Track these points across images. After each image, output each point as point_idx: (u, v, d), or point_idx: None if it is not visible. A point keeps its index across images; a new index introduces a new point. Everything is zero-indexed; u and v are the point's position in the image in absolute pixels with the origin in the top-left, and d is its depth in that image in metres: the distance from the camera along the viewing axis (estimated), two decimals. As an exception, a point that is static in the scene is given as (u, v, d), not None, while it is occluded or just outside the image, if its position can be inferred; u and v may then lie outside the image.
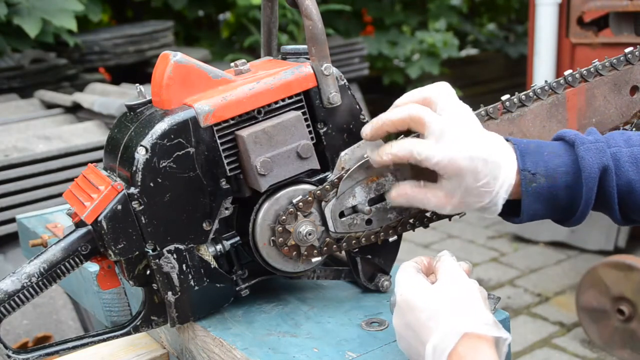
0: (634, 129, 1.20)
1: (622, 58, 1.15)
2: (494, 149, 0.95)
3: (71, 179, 2.44)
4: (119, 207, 0.94)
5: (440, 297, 0.86)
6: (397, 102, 1.01)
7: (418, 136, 0.99)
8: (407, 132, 1.00)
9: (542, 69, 3.58)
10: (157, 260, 0.97)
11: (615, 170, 0.95)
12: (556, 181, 0.96)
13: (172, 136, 0.94)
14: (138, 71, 4.16)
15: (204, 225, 0.99)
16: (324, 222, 1.02)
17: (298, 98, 1.02)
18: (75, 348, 1.01)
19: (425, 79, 5.47)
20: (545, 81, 1.14)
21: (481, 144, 0.94)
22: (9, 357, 0.96)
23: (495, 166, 0.94)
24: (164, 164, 0.94)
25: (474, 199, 0.96)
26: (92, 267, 1.25)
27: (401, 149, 0.96)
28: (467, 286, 0.88)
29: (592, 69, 1.15)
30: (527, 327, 3.06)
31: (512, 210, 1.00)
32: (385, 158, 0.97)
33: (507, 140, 0.99)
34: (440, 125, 0.94)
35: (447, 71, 5.69)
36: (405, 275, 0.91)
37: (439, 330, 0.82)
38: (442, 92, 0.98)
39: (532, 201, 0.97)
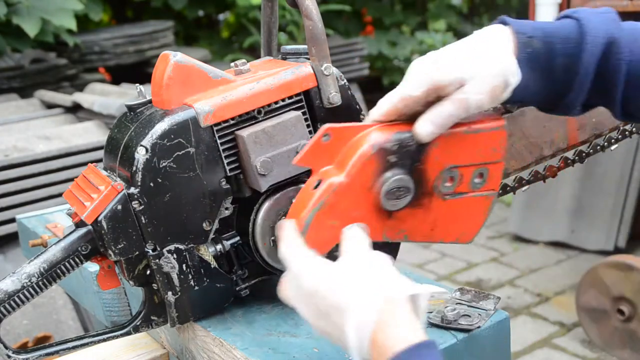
0: (634, 129, 1.20)
1: (622, 58, 1.15)
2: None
3: (71, 179, 2.43)
4: (119, 207, 0.94)
5: (345, 275, 0.81)
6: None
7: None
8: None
9: (542, 69, 3.57)
10: (157, 260, 0.97)
11: (630, 45, 0.85)
12: (554, 47, 0.87)
13: (172, 136, 0.94)
14: (138, 71, 4.16)
15: (204, 225, 0.99)
16: (324, 222, 1.02)
17: (298, 98, 1.02)
18: (75, 348, 1.00)
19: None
20: (546, 81, 1.13)
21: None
22: (9, 357, 0.96)
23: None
24: (164, 164, 0.94)
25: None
26: (92, 267, 1.25)
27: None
28: (370, 256, 0.83)
29: (592, 69, 1.14)
30: (527, 327, 3.06)
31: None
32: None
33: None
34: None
35: None
36: (302, 263, 0.84)
37: (355, 309, 0.78)
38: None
39: (526, 69, 0.88)
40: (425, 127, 0.90)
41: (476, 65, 0.88)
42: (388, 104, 0.92)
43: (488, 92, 0.88)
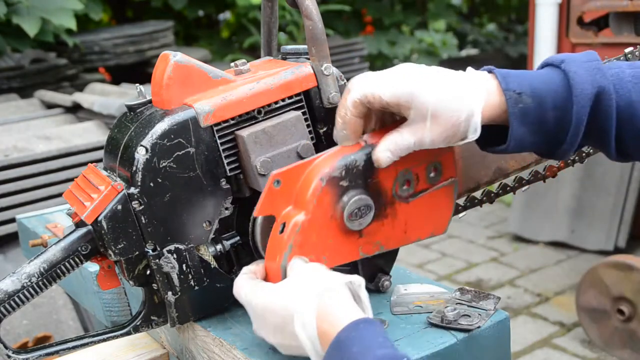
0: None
1: (622, 58, 1.15)
2: (449, 74, 0.90)
3: (71, 179, 2.44)
4: (119, 207, 0.94)
5: (287, 287, 0.87)
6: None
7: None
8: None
9: (542, 69, 3.57)
10: (157, 260, 0.97)
11: (617, 90, 0.87)
12: (543, 101, 0.88)
13: (172, 136, 0.94)
14: (138, 71, 4.16)
15: (204, 225, 0.99)
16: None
17: (298, 98, 1.02)
18: (75, 348, 1.00)
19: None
20: (546, 81, 1.13)
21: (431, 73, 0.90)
22: (9, 357, 0.96)
23: (463, 87, 0.89)
24: (164, 164, 0.94)
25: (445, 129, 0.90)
26: (92, 267, 1.25)
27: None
28: (306, 266, 0.89)
29: (592, 69, 1.14)
30: (527, 327, 3.06)
31: (495, 140, 0.94)
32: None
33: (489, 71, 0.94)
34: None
35: None
36: (248, 290, 0.91)
37: (297, 312, 0.82)
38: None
39: (519, 124, 0.89)
40: (384, 156, 0.93)
41: (443, 101, 0.89)
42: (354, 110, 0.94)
43: (444, 138, 0.91)
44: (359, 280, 0.86)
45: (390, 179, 0.97)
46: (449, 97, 0.89)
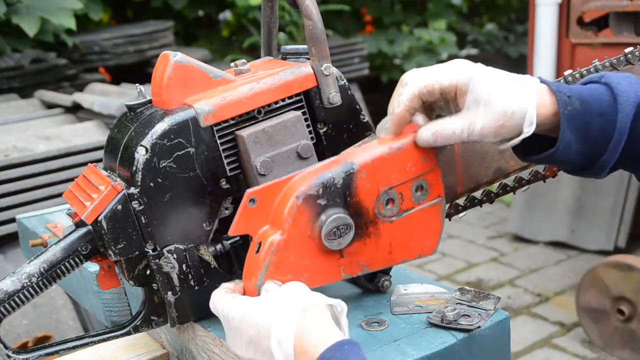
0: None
1: (622, 58, 1.15)
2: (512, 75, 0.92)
3: (71, 179, 2.44)
4: (119, 207, 0.94)
5: (266, 301, 0.86)
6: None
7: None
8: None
9: (542, 69, 3.57)
10: (157, 260, 0.97)
11: None
12: (589, 107, 0.90)
13: (172, 136, 0.94)
14: (138, 71, 4.16)
15: (204, 225, 0.99)
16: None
17: (298, 98, 1.02)
18: (75, 348, 1.01)
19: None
20: (546, 81, 1.13)
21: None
22: (9, 357, 0.96)
23: (516, 83, 0.90)
24: (164, 164, 0.94)
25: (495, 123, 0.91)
26: (92, 267, 1.25)
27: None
28: (286, 285, 0.89)
29: (592, 69, 1.14)
30: (527, 327, 3.06)
31: (539, 148, 0.94)
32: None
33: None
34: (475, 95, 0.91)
35: None
36: (226, 303, 0.90)
37: (275, 327, 0.81)
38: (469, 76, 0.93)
39: (568, 129, 0.90)
40: (425, 135, 0.93)
41: (500, 89, 0.89)
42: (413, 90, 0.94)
43: (496, 129, 0.90)
44: (341, 306, 0.85)
45: (371, 197, 0.95)
46: (505, 86, 0.90)
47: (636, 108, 0.89)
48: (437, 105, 0.96)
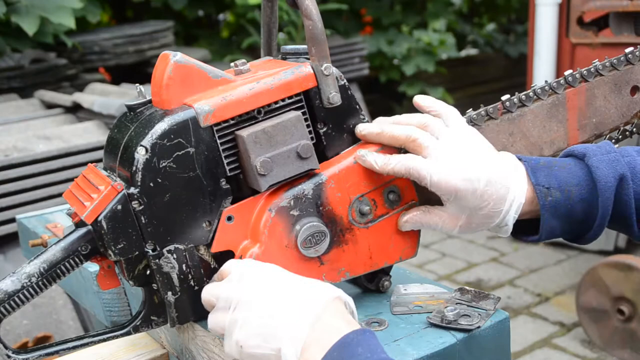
0: (634, 129, 1.20)
1: (622, 58, 1.15)
2: (497, 169, 0.95)
3: (71, 179, 2.44)
4: (119, 207, 0.94)
5: (282, 280, 0.87)
6: (398, 119, 1.02)
7: None
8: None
9: (542, 69, 3.58)
10: (157, 260, 0.96)
11: (632, 178, 0.94)
12: (571, 194, 0.95)
13: (172, 136, 0.94)
14: (138, 71, 4.16)
15: (204, 225, 0.99)
16: (323, 222, 1.02)
17: (298, 98, 1.02)
18: (75, 348, 1.00)
19: (420, 76, 5.47)
20: (546, 81, 1.14)
21: (481, 165, 0.94)
22: (8, 357, 0.96)
23: (500, 186, 0.94)
24: (163, 164, 0.94)
25: (481, 220, 0.97)
26: (92, 267, 1.25)
27: (399, 164, 0.97)
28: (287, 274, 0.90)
29: (592, 69, 1.15)
30: (527, 327, 3.06)
31: (526, 230, 1.00)
32: (382, 170, 0.98)
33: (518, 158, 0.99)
34: (438, 148, 0.95)
35: (443, 70, 5.68)
36: (244, 265, 0.91)
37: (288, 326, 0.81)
38: (446, 115, 1.00)
39: (550, 217, 0.95)
40: (402, 225, 1.02)
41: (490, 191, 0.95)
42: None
43: (474, 228, 0.99)
44: (349, 299, 0.86)
45: (344, 205, 0.99)
46: (490, 200, 0.95)
47: (616, 189, 0.93)
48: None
